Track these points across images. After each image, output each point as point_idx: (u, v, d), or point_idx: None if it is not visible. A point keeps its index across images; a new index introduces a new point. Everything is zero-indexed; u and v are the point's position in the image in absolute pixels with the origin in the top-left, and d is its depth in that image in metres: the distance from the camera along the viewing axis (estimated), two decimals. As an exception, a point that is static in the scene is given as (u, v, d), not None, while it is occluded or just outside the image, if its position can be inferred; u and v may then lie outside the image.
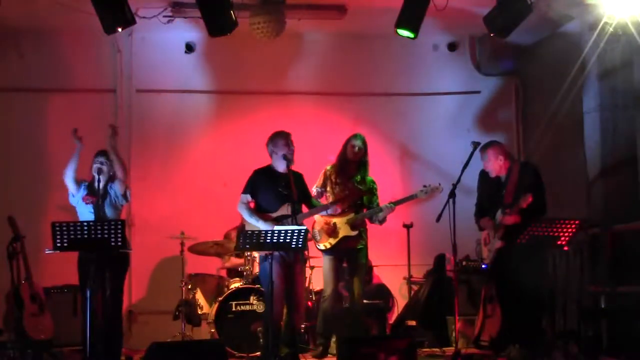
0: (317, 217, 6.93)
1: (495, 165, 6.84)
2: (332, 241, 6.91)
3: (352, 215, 6.94)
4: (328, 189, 7.01)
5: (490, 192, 6.86)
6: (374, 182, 7.12)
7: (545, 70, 8.97)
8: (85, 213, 6.71)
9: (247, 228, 6.65)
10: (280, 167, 6.68)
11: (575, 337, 7.11)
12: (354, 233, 6.90)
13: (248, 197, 6.68)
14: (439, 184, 6.97)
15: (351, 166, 7.02)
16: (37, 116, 8.87)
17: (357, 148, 6.99)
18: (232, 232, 8.02)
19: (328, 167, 7.08)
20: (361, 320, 7.05)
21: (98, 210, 6.65)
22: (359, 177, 7.03)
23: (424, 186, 6.98)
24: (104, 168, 6.69)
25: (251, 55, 9.05)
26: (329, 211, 6.91)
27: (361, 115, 9.36)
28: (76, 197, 6.78)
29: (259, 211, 6.66)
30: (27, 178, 8.73)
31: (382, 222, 7.02)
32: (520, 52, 9.36)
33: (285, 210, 6.57)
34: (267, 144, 6.74)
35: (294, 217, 6.43)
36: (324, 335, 6.92)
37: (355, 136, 7.06)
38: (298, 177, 6.76)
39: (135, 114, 9.06)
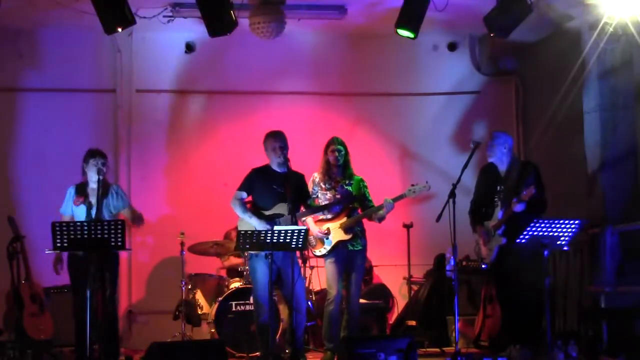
0: (311, 226, 6.93)
1: (498, 152, 6.83)
2: (327, 246, 6.91)
3: (344, 219, 6.93)
4: (319, 195, 7.01)
5: (489, 187, 6.85)
6: (363, 181, 7.09)
7: (546, 70, 8.97)
8: (80, 215, 6.61)
9: (240, 224, 6.68)
10: (278, 167, 6.70)
11: (575, 337, 7.11)
12: (348, 237, 6.88)
13: (243, 194, 6.71)
14: (427, 182, 6.96)
15: (335, 169, 7.02)
16: (37, 116, 8.87)
17: (338, 153, 6.97)
18: (232, 231, 8.02)
19: (315, 174, 7.08)
20: (357, 320, 7.03)
21: (90, 209, 6.57)
22: (345, 179, 7.02)
23: (412, 185, 6.98)
24: (104, 169, 6.63)
25: (251, 55, 9.05)
26: (327, 214, 6.93)
27: (361, 115, 9.37)
28: (68, 205, 6.70)
29: (255, 209, 6.68)
30: (27, 178, 8.74)
31: (380, 220, 7.00)
32: (521, 52, 9.36)
33: (280, 209, 6.60)
34: (263, 143, 6.78)
35: (293, 216, 6.44)
36: (331, 340, 6.91)
37: (333, 141, 7.01)
38: (299, 178, 6.78)
39: (135, 114, 9.06)
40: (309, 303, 7.62)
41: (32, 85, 8.90)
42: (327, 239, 6.89)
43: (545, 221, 6.27)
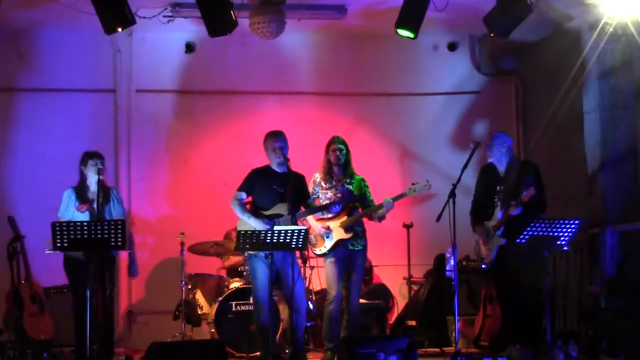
0: (313, 223, 6.93)
1: (497, 152, 6.83)
2: (328, 245, 6.90)
3: (345, 218, 6.93)
4: (320, 195, 7.01)
5: (489, 188, 6.85)
6: (364, 180, 7.09)
7: (546, 69, 8.97)
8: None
9: (239, 224, 6.69)
10: (278, 167, 6.70)
11: (575, 337, 7.11)
12: (348, 235, 6.88)
13: (243, 194, 6.71)
14: (427, 181, 6.95)
15: (336, 168, 7.02)
16: (36, 116, 8.86)
17: (339, 152, 6.96)
18: (232, 232, 8.02)
19: (316, 175, 7.07)
20: (357, 320, 7.03)
21: (93, 215, 6.52)
22: (346, 178, 7.01)
23: (413, 184, 6.97)
24: (103, 169, 6.60)
25: (251, 55, 9.06)
26: (327, 214, 6.93)
27: (361, 115, 9.37)
28: (69, 209, 6.65)
29: (255, 209, 6.69)
30: (27, 178, 8.73)
31: (380, 219, 7.00)
32: (521, 51, 9.36)
33: (280, 209, 6.60)
34: (263, 143, 6.78)
35: (293, 216, 6.45)
36: (331, 340, 6.90)
37: (334, 140, 7.01)
38: (299, 178, 6.79)
39: (135, 114, 9.06)
40: (309, 303, 7.62)
41: (32, 85, 8.90)
42: (329, 236, 6.89)
43: (545, 221, 6.27)
